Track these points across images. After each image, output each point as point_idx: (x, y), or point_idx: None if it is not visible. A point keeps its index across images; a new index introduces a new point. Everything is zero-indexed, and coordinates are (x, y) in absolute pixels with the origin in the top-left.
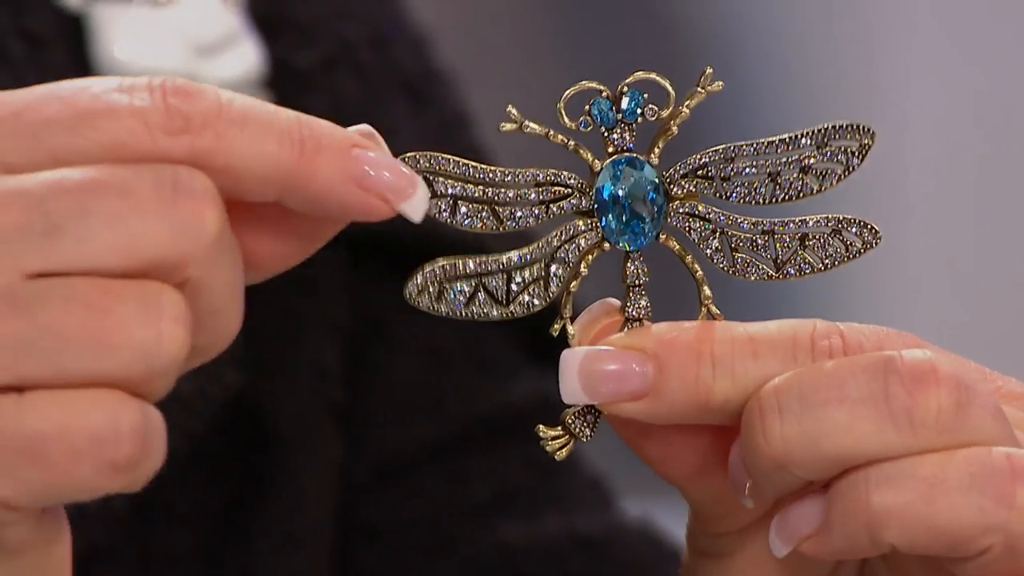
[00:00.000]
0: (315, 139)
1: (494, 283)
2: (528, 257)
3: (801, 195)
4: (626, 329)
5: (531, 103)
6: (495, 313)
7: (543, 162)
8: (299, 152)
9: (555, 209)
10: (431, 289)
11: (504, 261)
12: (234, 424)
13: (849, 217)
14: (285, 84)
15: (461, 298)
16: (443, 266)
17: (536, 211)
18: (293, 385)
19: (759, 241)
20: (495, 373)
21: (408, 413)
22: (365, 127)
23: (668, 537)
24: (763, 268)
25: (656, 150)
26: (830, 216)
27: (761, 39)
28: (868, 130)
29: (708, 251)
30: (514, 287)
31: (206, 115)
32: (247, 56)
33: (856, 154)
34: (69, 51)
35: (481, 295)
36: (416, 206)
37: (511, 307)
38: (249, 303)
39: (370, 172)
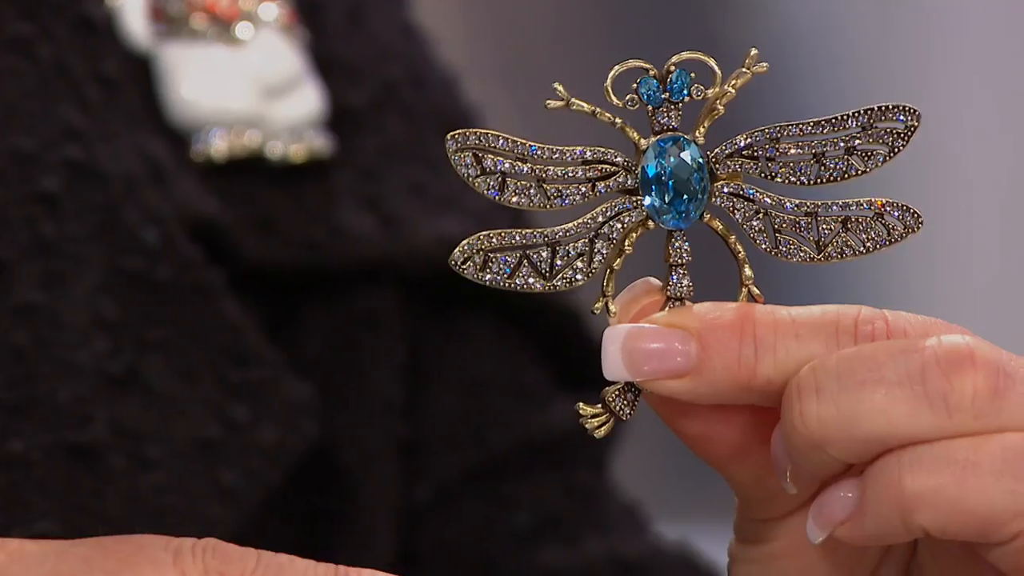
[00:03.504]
0: None
1: (538, 256)
2: (573, 232)
3: (846, 176)
4: (667, 308)
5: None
6: (538, 285)
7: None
8: None
9: (602, 187)
10: (476, 259)
11: (549, 234)
12: (304, 461)
13: (892, 201)
14: (341, 125)
15: (506, 268)
16: (489, 235)
17: (583, 189)
18: (360, 420)
19: (802, 223)
20: (532, 401)
21: (449, 441)
22: None
23: (705, 560)
24: (805, 250)
25: (701, 129)
26: (873, 199)
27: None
28: (914, 111)
29: (751, 232)
30: (558, 261)
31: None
32: (310, 97)
33: (901, 136)
34: (140, 92)
35: (525, 267)
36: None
37: (554, 280)
38: (314, 339)
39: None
